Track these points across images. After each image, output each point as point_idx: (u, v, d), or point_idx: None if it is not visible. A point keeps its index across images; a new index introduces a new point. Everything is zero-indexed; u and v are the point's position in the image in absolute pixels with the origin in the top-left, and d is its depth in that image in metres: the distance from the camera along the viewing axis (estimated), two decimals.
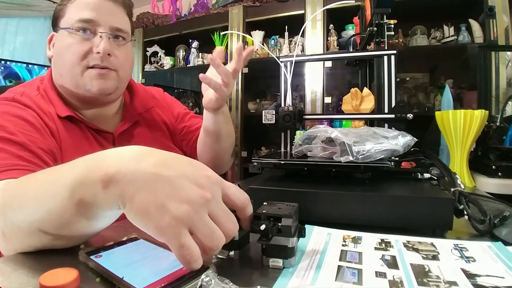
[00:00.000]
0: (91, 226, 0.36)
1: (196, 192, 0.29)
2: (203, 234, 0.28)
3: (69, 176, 0.33)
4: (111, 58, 0.65)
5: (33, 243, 0.37)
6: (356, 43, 1.54)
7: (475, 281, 0.30)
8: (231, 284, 0.27)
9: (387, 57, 0.70)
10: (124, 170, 0.30)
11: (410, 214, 0.44)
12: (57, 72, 0.66)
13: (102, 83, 0.64)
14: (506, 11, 1.58)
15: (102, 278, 0.31)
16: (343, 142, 0.49)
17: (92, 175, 0.31)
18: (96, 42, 0.63)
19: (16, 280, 0.31)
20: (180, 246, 0.27)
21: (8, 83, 2.22)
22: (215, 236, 0.29)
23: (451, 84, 1.85)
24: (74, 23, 0.63)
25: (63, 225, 0.34)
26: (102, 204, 0.31)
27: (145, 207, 0.28)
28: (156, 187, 0.28)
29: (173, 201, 0.28)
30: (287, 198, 0.39)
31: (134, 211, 0.29)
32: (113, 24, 0.65)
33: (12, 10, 2.66)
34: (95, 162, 0.33)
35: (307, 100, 2.02)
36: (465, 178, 0.90)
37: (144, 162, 0.30)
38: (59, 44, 0.65)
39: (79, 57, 0.63)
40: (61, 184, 0.33)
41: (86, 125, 0.67)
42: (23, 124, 0.56)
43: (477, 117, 0.88)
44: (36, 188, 0.37)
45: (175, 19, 2.59)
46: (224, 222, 0.30)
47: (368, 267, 0.33)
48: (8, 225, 0.37)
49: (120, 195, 0.29)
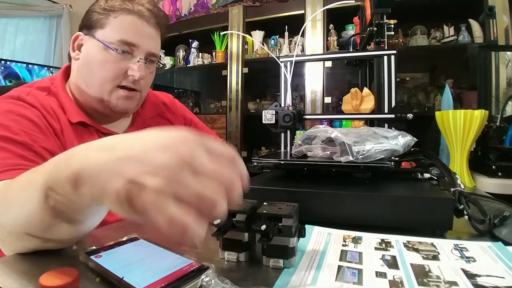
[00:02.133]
0: (76, 229, 0.35)
1: (168, 157, 0.25)
2: (192, 197, 0.24)
3: (41, 177, 0.31)
4: (141, 81, 0.66)
5: (25, 245, 0.37)
6: (356, 43, 1.54)
7: (475, 281, 0.30)
8: (231, 284, 0.27)
9: (387, 57, 0.70)
10: (88, 166, 0.27)
11: (410, 214, 0.44)
12: (81, 77, 0.66)
13: (128, 104, 0.66)
14: (506, 11, 1.58)
15: (102, 278, 0.31)
16: (343, 142, 0.49)
17: (60, 175, 0.29)
18: (133, 66, 0.63)
19: (16, 280, 0.31)
20: (167, 221, 0.23)
21: (8, 83, 2.22)
22: (209, 193, 0.24)
23: (451, 84, 1.85)
24: (115, 42, 0.62)
25: (46, 228, 0.34)
26: (77, 206, 0.30)
27: (120, 195, 0.24)
28: (124, 170, 0.25)
29: (145, 176, 0.24)
30: (287, 198, 0.39)
31: (113, 204, 0.25)
32: (150, 50, 0.66)
33: (12, 10, 2.66)
34: (64, 159, 0.30)
35: (307, 100, 2.02)
36: (465, 178, 0.90)
37: (107, 150, 0.27)
38: (92, 54, 0.64)
39: (112, 76, 0.63)
40: (35, 186, 0.31)
41: (97, 129, 0.67)
42: (27, 123, 0.55)
43: (477, 117, 0.88)
44: (17, 191, 0.36)
45: (175, 19, 2.59)
46: (217, 173, 0.25)
47: (368, 267, 0.33)
48: (0, 229, 0.37)
49: (92, 194, 0.27)
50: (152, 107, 0.79)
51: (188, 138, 0.26)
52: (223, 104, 2.45)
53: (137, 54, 0.64)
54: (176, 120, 0.83)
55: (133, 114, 0.76)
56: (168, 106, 0.84)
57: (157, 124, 0.78)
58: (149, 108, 0.78)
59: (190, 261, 0.32)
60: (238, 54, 2.26)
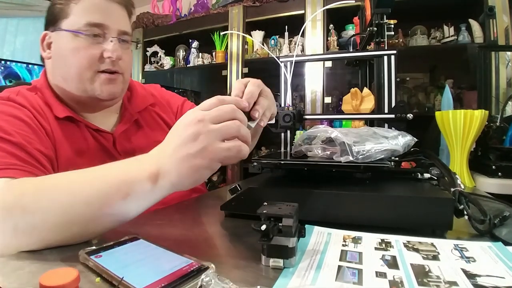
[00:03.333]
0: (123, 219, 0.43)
1: (192, 125, 0.39)
2: (222, 130, 0.39)
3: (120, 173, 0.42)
4: (120, 61, 0.64)
5: (49, 238, 0.39)
6: (356, 43, 1.54)
7: (475, 281, 0.30)
8: (231, 284, 0.27)
9: (387, 57, 0.70)
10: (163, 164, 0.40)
11: (410, 214, 0.44)
12: (57, 74, 0.65)
13: (112, 87, 0.64)
14: (506, 11, 1.57)
15: (102, 278, 0.31)
16: (343, 142, 0.49)
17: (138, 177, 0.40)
18: (107, 47, 0.62)
19: (16, 280, 0.31)
20: (227, 149, 0.39)
21: (8, 83, 2.22)
22: (229, 125, 0.40)
23: (451, 84, 1.85)
24: (82, 27, 0.61)
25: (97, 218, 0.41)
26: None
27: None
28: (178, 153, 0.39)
29: (191, 144, 0.39)
30: (287, 198, 0.39)
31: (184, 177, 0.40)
32: (121, 28, 0.64)
33: (12, 10, 2.66)
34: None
35: (307, 100, 2.02)
36: (465, 178, 0.90)
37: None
38: (62, 47, 0.63)
39: (89, 62, 0.61)
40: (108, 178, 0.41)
41: (85, 124, 0.66)
42: (20, 124, 0.55)
43: (477, 117, 0.88)
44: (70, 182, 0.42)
45: (175, 19, 2.58)
46: (223, 115, 0.40)
47: (368, 267, 0.33)
48: (27, 219, 0.39)
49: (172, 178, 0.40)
50: (141, 99, 0.78)
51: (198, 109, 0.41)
52: None
53: (109, 34, 0.62)
54: (165, 111, 0.83)
55: (121, 109, 0.75)
56: (155, 97, 0.83)
57: (144, 118, 0.77)
58: (137, 101, 0.77)
59: (190, 261, 0.32)
60: (238, 54, 2.26)
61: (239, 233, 0.47)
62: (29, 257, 0.37)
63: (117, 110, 0.75)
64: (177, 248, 0.36)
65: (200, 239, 0.46)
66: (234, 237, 0.46)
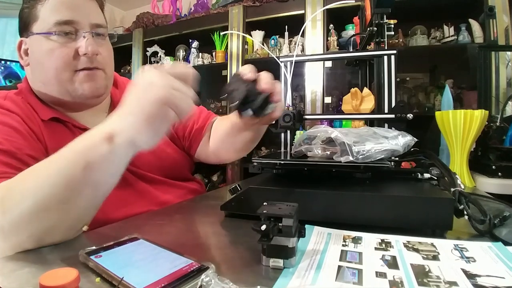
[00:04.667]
0: (97, 196, 0.43)
1: (142, 83, 0.42)
2: (169, 76, 0.42)
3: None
4: (98, 57, 0.62)
5: (34, 230, 0.38)
6: (356, 43, 1.54)
7: (475, 281, 0.30)
8: (231, 284, 0.27)
9: (387, 57, 0.70)
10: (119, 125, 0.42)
11: (410, 214, 0.44)
12: (37, 80, 0.63)
13: (93, 84, 0.62)
14: (506, 11, 1.57)
15: (102, 278, 0.31)
16: (343, 142, 0.49)
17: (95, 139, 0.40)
18: (81, 43, 0.60)
19: (16, 280, 0.31)
20: (175, 91, 0.41)
21: (8, 83, 2.22)
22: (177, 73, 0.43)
23: (451, 84, 1.85)
24: (51, 27, 0.58)
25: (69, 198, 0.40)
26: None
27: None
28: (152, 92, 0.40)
29: (142, 96, 0.41)
30: (287, 198, 0.39)
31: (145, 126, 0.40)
32: (92, 21, 0.61)
33: (12, 10, 2.65)
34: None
35: (307, 100, 2.01)
36: (465, 178, 0.90)
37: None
38: (37, 51, 0.60)
39: (64, 62, 0.59)
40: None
41: (73, 124, 0.65)
42: (8, 130, 0.54)
43: (477, 117, 0.88)
44: (39, 169, 0.42)
45: (175, 19, 2.59)
46: (172, 69, 0.43)
47: (368, 267, 0.33)
48: (8, 218, 0.38)
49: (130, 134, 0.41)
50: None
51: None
52: (223, 104, 2.45)
53: (81, 30, 0.60)
54: None
55: (110, 107, 0.73)
56: None
57: None
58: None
59: (190, 261, 0.32)
60: (238, 54, 2.26)
61: (239, 233, 0.47)
62: (29, 257, 0.37)
63: (106, 109, 0.73)
64: (177, 248, 0.36)
65: (200, 239, 0.46)
66: (234, 237, 0.46)
